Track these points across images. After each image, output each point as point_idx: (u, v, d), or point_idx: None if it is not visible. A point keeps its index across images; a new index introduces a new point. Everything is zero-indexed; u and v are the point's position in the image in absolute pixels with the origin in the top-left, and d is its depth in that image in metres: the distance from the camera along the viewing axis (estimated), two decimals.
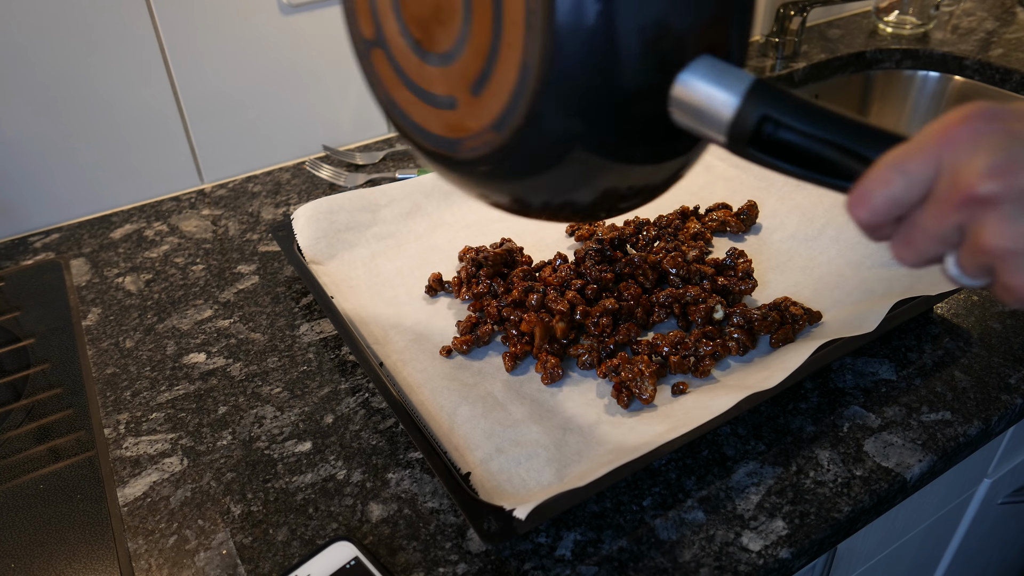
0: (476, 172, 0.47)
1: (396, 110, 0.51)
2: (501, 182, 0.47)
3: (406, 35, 0.48)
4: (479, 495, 0.50)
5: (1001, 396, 0.60)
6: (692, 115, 0.39)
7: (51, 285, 0.79)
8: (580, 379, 0.62)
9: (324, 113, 1.00)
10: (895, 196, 0.33)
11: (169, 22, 0.85)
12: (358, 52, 0.53)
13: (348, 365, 0.67)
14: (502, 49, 0.41)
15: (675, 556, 0.50)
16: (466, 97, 0.45)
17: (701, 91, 0.38)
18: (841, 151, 0.36)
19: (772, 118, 0.36)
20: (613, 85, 0.39)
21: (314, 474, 0.57)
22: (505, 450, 0.54)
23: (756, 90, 0.37)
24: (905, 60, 1.25)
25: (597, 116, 0.40)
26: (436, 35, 0.46)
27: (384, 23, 0.49)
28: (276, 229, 0.78)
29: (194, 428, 0.62)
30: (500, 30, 0.41)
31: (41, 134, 0.84)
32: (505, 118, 0.42)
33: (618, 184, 0.45)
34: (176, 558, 0.52)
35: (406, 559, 0.51)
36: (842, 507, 0.53)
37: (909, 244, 0.34)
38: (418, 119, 0.49)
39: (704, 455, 0.57)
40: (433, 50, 0.46)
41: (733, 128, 0.37)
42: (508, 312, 0.66)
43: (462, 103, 0.46)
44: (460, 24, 0.43)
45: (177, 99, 0.90)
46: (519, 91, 0.41)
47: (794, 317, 0.63)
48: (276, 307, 0.75)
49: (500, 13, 0.40)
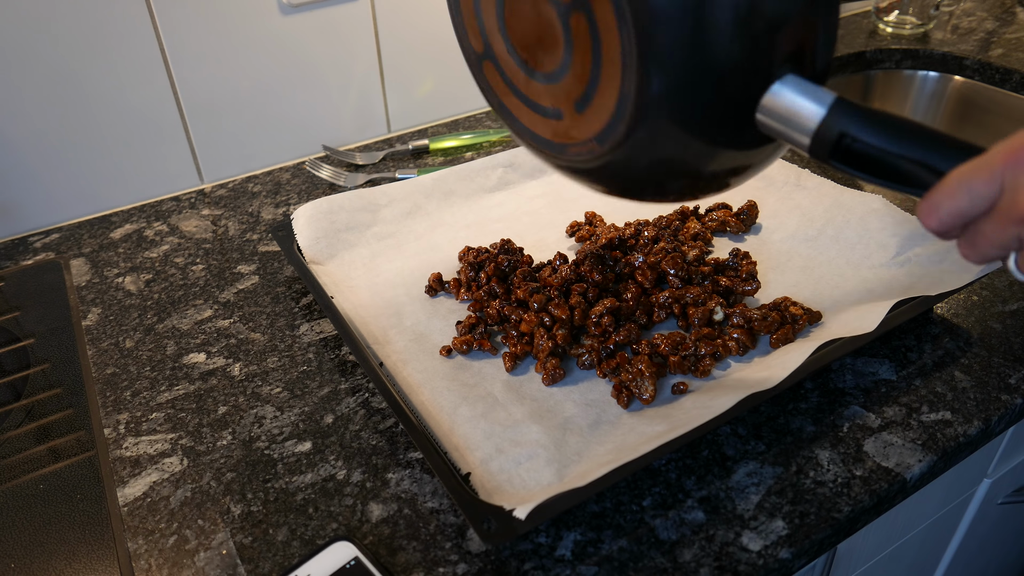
0: (580, 171, 0.52)
1: (506, 114, 0.56)
2: (602, 181, 0.53)
3: (513, 55, 0.52)
4: (479, 495, 0.50)
5: (1001, 396, 0.60)
6: (780, 122, 0.43)
7: (51, 285, 0.79)
8: (580, 379, 0.62)
9: (324, 113, 1.00)
10: (961, 209, 0.38)
11: (169, 22, 0.85)
12: (468, 62, 0.58)
13: (348, 365, 0.67)
14: (602, 79, 0.46)
15: (675, 556, 0.50)
16: (570, 112, 0.50)
17: (789, 101, 0.42)
18: (914, 163, 0.39)
19: (850, 134, 0.40)
20: (704, 112, 0.44)
21: (314, 474, 0.57)
22: (505, 450, 0.54)
23: (838, 106, 0.41)
24: (905, 60, 1.25)
25: (689, 137, 0.45)
26: (541, 58, 0.50)
27: (492, 42, 0.54)
28: (276, 229, 0.78)
29: (194, 428, 0.62)
30: (599, 63, 0.45)
31: (41, 134, 0.84)
32: (606, 134, 0.47)
33: (702, 172, 0.49)
34: (176, 558, 0.52)
35: (406, 559, 0.51)
36: (842, 507, 0.53)
37: (974, 247, 0.39)
38: (527, 123, 0.54)
39: (704, 455, 0.57)
40: (539, 70, 0.51)
41: (816, 137, 0.41)
42: (509, 311, 0.66)
43: (567, 116, 0.50)
44: (562, 53, 0.48)
45: (177, 99, 0.90)
46: (618, 115, 0.45)
47: (794, 317, 0.63)
48: (276, 307, 0.75)
49: (598, 49, 0.45)
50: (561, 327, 0.63)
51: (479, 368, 0.64)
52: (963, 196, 0.37)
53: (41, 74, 0.82)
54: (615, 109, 0.45)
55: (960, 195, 0.37)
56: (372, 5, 0.95)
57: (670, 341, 0.62)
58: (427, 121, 1.08)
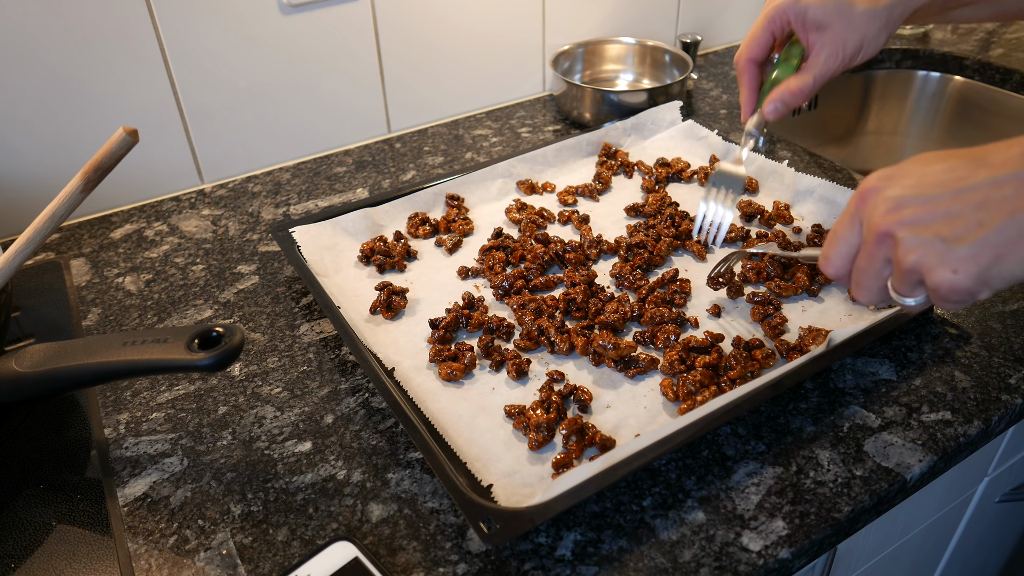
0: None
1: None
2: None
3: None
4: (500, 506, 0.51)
5: (1001, 396, 0.60)
6: None
7: (51, 285, 0.79)
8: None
9: (324, 113, 0.99)
10: (842, 253, 0.48)
11: (169, 22, 0.85)
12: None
13: (348, 365, 0.67)
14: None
15: (675, 556, 0.50)
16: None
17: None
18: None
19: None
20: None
21: (314, 474, 0.57)
22: (526, 464, 0.55)
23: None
24: (905, 60, 1.25)
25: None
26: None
27: None
28: (276, 229, 0.78)
29: (194, 428, 0.62)
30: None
31: (41, 134, 0.84)
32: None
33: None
34: (176, 558, 0.52)
35: (406, 559, 0.51)
36: (842, 507, 0.53)
37: (858, 285, 0.47)
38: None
39: (704, 455, 0.57)
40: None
41: None
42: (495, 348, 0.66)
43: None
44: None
45: (177, 99, 0.90)
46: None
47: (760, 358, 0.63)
48: (276, 307, 0.75)
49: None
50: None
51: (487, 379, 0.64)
52: (840, 242, 0.47)
53: (41, 75, 0.82)
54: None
55: (838, 242, 0.47)
56: (372, 5, 0.95)
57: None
58: (427, 121, 1.08)
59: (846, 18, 0.61)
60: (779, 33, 0.64)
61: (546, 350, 0.66)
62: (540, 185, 0.89)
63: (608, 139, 0.95)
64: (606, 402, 0.61)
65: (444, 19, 1.01)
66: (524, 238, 0.79)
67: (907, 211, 0.43)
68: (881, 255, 0.45)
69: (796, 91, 0.64)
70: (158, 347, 0.52)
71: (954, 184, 0.42)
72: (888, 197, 0.44)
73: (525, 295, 0.70)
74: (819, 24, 0.61)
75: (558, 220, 0.84)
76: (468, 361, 0.64)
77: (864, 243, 0.46)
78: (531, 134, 1.04)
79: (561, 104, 1.07)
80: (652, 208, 0.83)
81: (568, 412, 0.60)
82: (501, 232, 0.79)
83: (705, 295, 0.72)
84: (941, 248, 0.41)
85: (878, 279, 0.46)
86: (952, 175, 0.43)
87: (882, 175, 0.45)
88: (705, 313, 0.70)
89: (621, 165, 0.92)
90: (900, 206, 0.43)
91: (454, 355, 0.65)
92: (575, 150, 0.93)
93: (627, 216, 0.84)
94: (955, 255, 0.41)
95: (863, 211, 0.45)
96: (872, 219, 0.44)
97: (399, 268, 0.77)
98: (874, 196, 0.45)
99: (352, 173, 0.97)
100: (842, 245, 0.47)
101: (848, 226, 0.46)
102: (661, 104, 0.99)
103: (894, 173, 0.45)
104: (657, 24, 1.21)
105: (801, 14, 0.62)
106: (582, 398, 0.60)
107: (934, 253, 0.42)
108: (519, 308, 0.69)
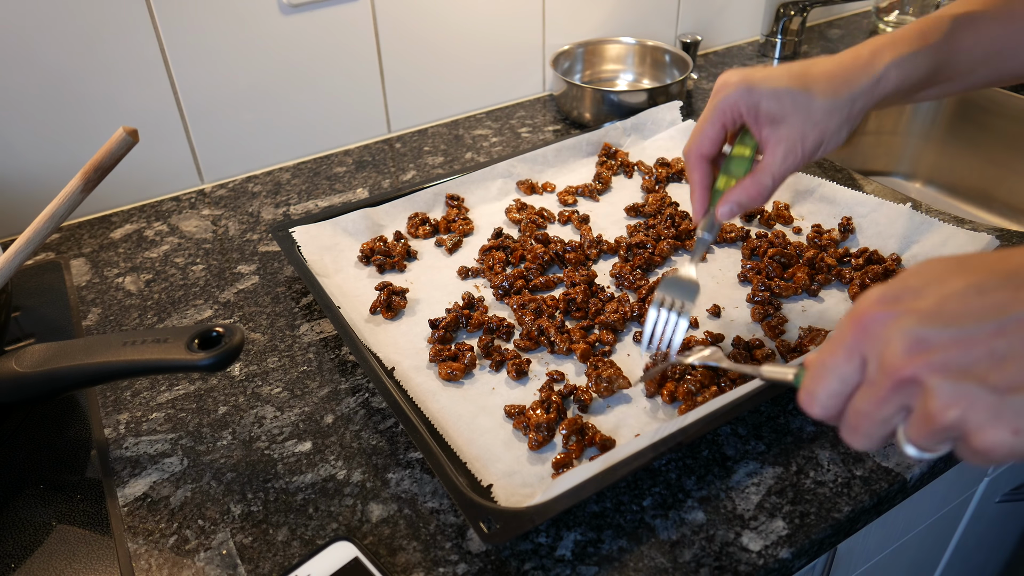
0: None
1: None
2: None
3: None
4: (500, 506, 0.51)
5: None
6: None
7: (51, 285, 0.79)
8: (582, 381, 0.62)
9: (324, 113, 0.99)
10: (836, 391, 0.37)
11: (169, 22, 0.85)
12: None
13: (348, 365, 0.67)
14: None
15: (675, 556, 0.50)
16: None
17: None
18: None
19: None
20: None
21: (314, 474, 0.57)
22: (526, 466, 0.55)
23: None
24: None
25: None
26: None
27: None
28: (276, 229, 0.78)
29: (194, 428, 0.62)
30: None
31: (41, 134, 0.84)
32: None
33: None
34: (176, 558, 0.52)
35: (406, 559, 0.51)
36: (842, 507, 0.53)
37: (856, 430, 0.37)
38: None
39: (704, 455, 0.57)
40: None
41: None
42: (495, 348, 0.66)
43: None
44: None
45: (177, 99, 0.90)
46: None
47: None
48: (276, 307, 0.75)
49: None
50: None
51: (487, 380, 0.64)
52: (831, 378, 0.37)
53: (41, 75, 0.82)
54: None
55: (828, 377, 0.38)
56: (372, 5, 0.95)
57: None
58: (427, 121, 1.08)
59: (803, 112, 0.54)
60: (731, 125, 0.57)
61: (546, 350, 0.66)
62: (540, 185, 0.89)
63: (608, 139, 0.95)
64: (606, 402, 0.61)
65: (444, 19, 1.01)
66: (524, 238, 0.79)
67: (937, 352, 0.33)
68: (898, 402, 0.35)
69: (754, 195, 0.56)
70: (158, 347, 0.52)
71: (993, 313, 0.33)
72: (906, 331, 0.34)
73: (525, 295, 0.70)
74: (773, 118, 0.54)
75: (558, 220, 0.84)
76: (468, 361, 0.64)
77: (872, 385, 0.36)
78: (531, 134, 1.04)
79: (561, 104, 1.07)
80: (652, 208, 0.83)
81: (568, 412, 0.60)
82: (501, 232, 0.79)
83: (705, 295, 0.72)
84: (993, 401, 0.32)
85: (885, 427, 0.37)
86: (985, 300, 0.34)
87: (886, 295, 0.36)
88: (705, 313, 0.70)
89: (621, 165, 0.92)
90: (925, 344, 0.34)
91: (454, 355, 0.65)
92: (575, 150, 0.93)
93: (627, 216, 0.84)
94: (1014, 410, 0.32)
95: (867, 345, 0.36)
96: (887, 358, 0.35)
97: (399, 268, 0.77)
98: (883, 327, 0.35)
99: (352, 173, 0.97)
100: (835, 382, 0.37)
101: (844, 360, 0.37)
102: (661, 104, 0.99)
103: (902, 294, 0.36)
104: (657, 24, 1.21)
105: (754, 107, 0.55)
106: (582, 398, 0.60)
107: (983, 408, 0.32)
108: (519, 308, 0.69)
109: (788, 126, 0.54)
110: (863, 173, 0.88)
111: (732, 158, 0.58)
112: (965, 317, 0.33)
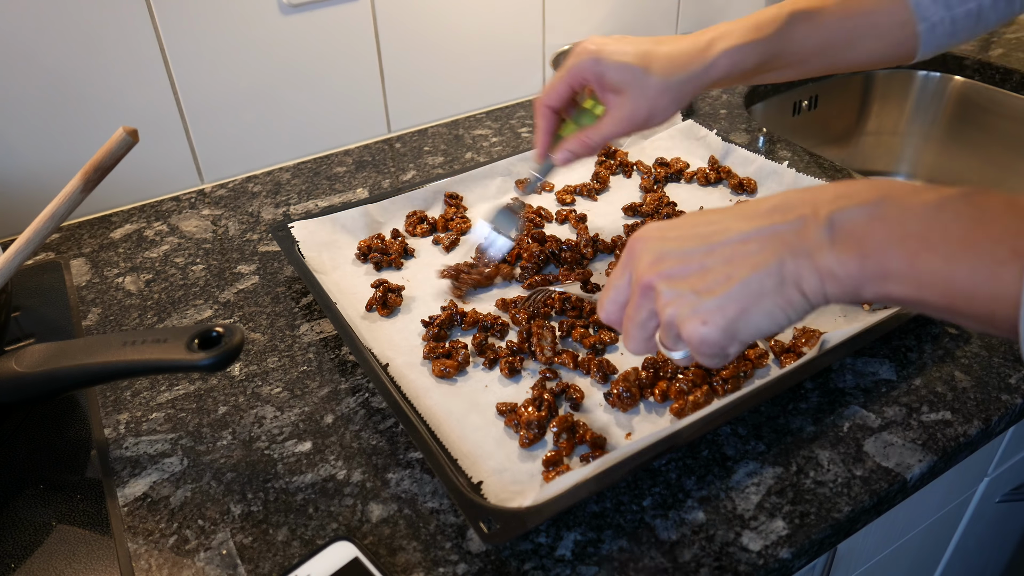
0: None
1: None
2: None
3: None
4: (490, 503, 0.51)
5: (1001, 396, 0.60)
6: None
7: (51, 285, 0.79)
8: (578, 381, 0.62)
9: (324, 113, 1.00)
10: (615, 299, 0.47)
11: (169, 22, 0.85)
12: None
13: (348, 365, 0.67)
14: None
15: (675, 556, 0.50)
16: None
17: None
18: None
19: None
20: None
21: (314, 474, 0.57)
22: (516, 463, 0.55)
23: None
24: None
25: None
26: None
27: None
28: (276, 229, 0.78)
29: (194, 428, 0.62)
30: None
31: (41, 134, 0.84)
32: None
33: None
34: (176, 558, 0.52)
35: (406, 559, 0.51)
36: (842, 507, 0.53)
37: (626, 333, 0.47)
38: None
39: (704, 455, 0.57)
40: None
41: None
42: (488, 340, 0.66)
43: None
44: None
45: (177, 99, 0.90)
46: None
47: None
48: (276, 307, 0.75)
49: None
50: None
51: (480, 377, 0.64)
52: (612, 290, 0.47)
53: (41, 74, 0.82)
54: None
55: (610, 289, 0.47)
56: (372, 5, 0.95)
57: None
58: (427, 121, 1.08)
59: (640, 87, 0.61)
60: (578, 87, 0.65)
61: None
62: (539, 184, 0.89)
63: None
64: (598, 400, 0.61)
65: (444, 19, 1.01)
66: (521, 237, 0.79)
67: (667, 263, 0.43)
68: (646, 307, 0.45)
69: (585, 148, 0.65)
70: (158, 347, 0.52)
71: (710, 238, 0.43)
72: (652, 249, 0.45)
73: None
74: (615, 88, 0.62)
75: (556, 219, 0.84)
76: (461, 358, 0.64)
77: (632, 293, 0.46)
78: (531, 134, 1.04)
79: None
80: (650, 208, 0.83)
81: (560, 410, 0.60)
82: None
83: None
84: (693, 300, 0.42)
85: (643, 330, 0.46)
86: (711, 228, 0.44)
87: (655, 226, 0.46)
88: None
89: (620, 165, 0.92)
90: (661, 258, 0.44)
91: (448, 352, 0.65)
92: None
93: (625, 216, 0.84)
94: (704, 307, 0.41)
95: (632, 263, 0.46)
96: (637, 270, 0.45)
97: (396, 266, 0.77)
98: (641, 246, 0.45)
99: (352, 173, 0.97)
100: (614, 292, 0.47)
101: (620, 274, 0.47)
102: None
103: (665, 225, 0.46)
104: (657, 24, 1.21)
105: (600, 76, 0.62)
106: (574, 396, 0.60)
107: (686, 305, 0.42)
108: (513, 307, 0.69)
109: (626, 97, 0.62)
110: (863, 173, 0.88)
111: (583, 111, 0.67)
112: (691, 239, 0.44)
